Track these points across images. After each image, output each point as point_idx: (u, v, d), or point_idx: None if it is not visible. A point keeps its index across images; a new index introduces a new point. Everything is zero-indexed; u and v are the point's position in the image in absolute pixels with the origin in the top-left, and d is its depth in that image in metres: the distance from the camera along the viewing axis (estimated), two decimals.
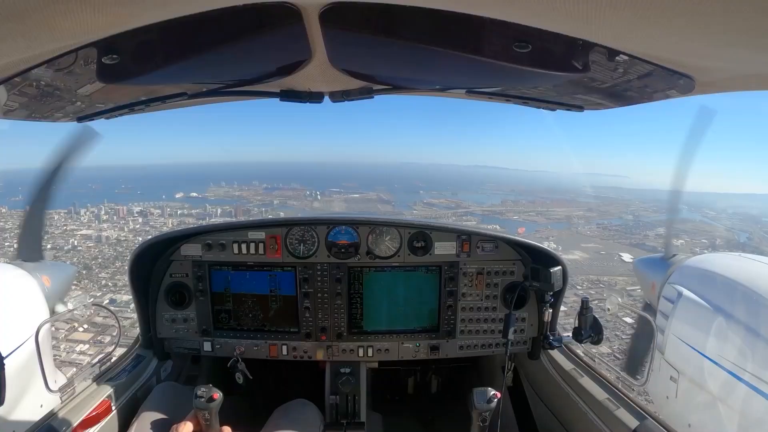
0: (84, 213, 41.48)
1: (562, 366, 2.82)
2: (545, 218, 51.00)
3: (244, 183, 77.40)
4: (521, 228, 42.13)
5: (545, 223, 48.46)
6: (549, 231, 44.01)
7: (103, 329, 17.41)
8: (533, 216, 52.78)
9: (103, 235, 35.76)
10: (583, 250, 35.00)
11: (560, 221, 49.17)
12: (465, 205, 61.04)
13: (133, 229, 39.03)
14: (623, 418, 2.21)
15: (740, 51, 0.94)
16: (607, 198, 61.68)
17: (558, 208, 54.73)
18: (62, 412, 2.16)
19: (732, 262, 3.76)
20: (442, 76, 1.76)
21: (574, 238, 40.48)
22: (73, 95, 1.41)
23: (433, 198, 68.13)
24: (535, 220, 50.52)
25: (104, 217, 41.58)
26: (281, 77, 1.63)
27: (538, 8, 0.82)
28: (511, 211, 55.75)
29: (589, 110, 1.77)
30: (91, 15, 0.80)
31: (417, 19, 1.07)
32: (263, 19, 1.06)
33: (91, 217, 40.90)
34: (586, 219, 48.00)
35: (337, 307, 2.98)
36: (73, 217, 40.36)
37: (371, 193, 73.72)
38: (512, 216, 52.99)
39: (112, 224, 40.36)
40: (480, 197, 71.24)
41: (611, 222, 46.40)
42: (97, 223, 39.98)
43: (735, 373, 3.11)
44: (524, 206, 59.38)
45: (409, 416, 3.80)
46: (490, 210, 57.04)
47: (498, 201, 64.13)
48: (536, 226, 46.57)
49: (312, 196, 67.02)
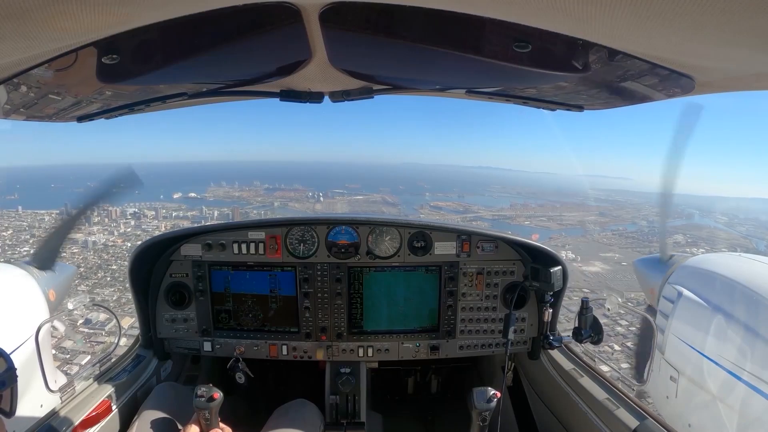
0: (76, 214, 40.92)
1: (562, 366, 2.82)
2: (558, 224, 50.13)
3: (244, 183, 76.75)
4: (535, 234, 41.37)
5: (558, 229, 47.46)
6: (564, 238, 42.81)
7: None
8: (545, 221, 51.98)
9: (90, 240, 34.05)
10: (603, 261, 33.68)
11: (574, 227, 48.30)
12: (473, 209, 60.43)
13: (123, 233, 37.61)
14: (623, 418, 2.21)
15: (740, 51, 0.94)
16: (616, 202, 60.93)
17: (569, 213, 53.99)
18: (62, 412, 2.16)
19: (732, 262, 3.76)
20: (442, 76, 1.76)
21: (591, 246, 39.29)
22: (73, 95, 1.41)
23: (440, 200, 67.50)
24: (548, 226, 49.54)
25: (95, 219, 39.84)
26: (281, 77, 1.63)
27: (538, 8, 0.82)
28: (521, 216, 54.97)
29: (589, 110, 1.77)
30: (91, 15, 0.80)
31: (417, 19, 1.07)
32: (263, 19, 1.06)
33: (83, 219, 40.11)
34: (600, 225, 47.07)
35: (337, 307, 2.98)
36: (64, 218, 39.64)
37: (375, 195, 72.94)
38: (523, 221, 52.20)
39: (103, 227, 38.91)
40: (487, 200, 70.72)
41: (626, 228, 45.53)
42: (88, 225, 37.94)
43: (735, 372, 3.11)
44: (534, 210, 58.71)
45: (409, 416, 3.80)
46: (500, 214, 56.34)
47: (507, 204, 63.48)
48: (550, 233, 45.34)
49: (314, 198, 66.13)
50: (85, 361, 15.13)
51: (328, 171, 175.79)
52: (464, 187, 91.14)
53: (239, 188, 70.91)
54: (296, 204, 62.73)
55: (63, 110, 1.56)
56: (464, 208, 61.62)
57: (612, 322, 13.00)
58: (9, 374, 1.33)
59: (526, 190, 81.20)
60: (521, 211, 57.75)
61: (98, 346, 17.16)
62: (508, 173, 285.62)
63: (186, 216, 45.35)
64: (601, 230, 45.30)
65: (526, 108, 1.89)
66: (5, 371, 1.32)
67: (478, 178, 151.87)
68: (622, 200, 62.85)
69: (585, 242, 41.62)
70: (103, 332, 18.57)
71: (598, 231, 45.09)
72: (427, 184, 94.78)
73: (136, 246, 2.83)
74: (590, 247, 38.78)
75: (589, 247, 39.24)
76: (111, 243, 34.67)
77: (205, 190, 67.11)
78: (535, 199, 68.22)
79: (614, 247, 38.70)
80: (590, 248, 38.43)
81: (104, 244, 34.41)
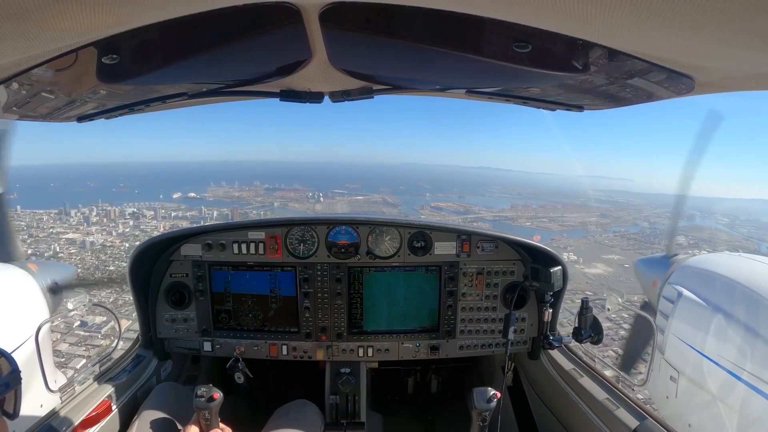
0: (74, 214, 39.58)
1: (562, 366, 2.82)
2: (559, 225, 49.98)
3: (244, 183, 76.40)
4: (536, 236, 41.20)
5: (560, 231, 47.40)
6: (566, 240, 42.72)
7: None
8: (546, 222, 51.81)
9: (88, 241, 33.67)
10: (605, 263, 33.58)
11: (575, 228, 48.14)
12: (474, 209, 60.24)
13: (122, 233, 37.24)
14: (623, 418, 2.21)
15: (740, 51, 0.94)
16: (617, 203, 60.70)
17: (570, 214, 53.78)
18: (62, 412, 2.15)
19: (732, 262, 3.76)
20: (442, 76, 1.76)
21: (593, 248, 39.04)
22: (73, 95, 1.41)
23: (440, 201, 67.20)
24: (549, 227, 49.37)
25: (94, 219, 39.72)
26: (281, 77, 1.63)
27: (538, 8, 0.82)
28: (522, 217, 54.80)
29: (589, 110, 1.77)
30: (91, 15, 0.80)
31: (417, 19, 1.07)
32: (263, 19, 1.06)
33: (81, 219, 39.08)
34: (601, 226, 46.76)
35: (337, 307, 2.98)
36: (62, 218, 38.54)
37: (376, 195, 72.63)
38: (524, 222, 52.04)
39: (101, 227, 38.60)
40: (487, 201, 70.50)
41: (627, 229, 45.28)
42: (86, 225, 38.12)
43: (735, 372, 3.11)
44: (535, 211, 58.49)
45: (409, 416, 3.80)
46: (501, 215, 56.14)
47: (507, 205, 63.27)
48: (551, 234, 45.23)
49: (314, 198, 65.94)
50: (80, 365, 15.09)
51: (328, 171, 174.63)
52: (464, 187, 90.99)
53: (239, 188, 70.73)
54: (296, 204, 62.52)
55: (63, 110, 1.56)
56: (465, 208, 61.43)
57: (615, 325, 12.96)
58: (13, 376, 1.32)
59: (527, 191, 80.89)
60: (522, 212, 57.53)
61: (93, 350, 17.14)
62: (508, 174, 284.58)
63: (185, 216, 45.14)
64: (602, 232, 44.98)
65: (526, 108, 1.89)
66: (10, 373, 1.32)
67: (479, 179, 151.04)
68: (623, 201, 62.65)
69: (587, 244, 41.34)
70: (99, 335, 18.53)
71: (599, 232, 44.79)
72: (428, 185, 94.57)
73: (136, 246, 2.83)
74: (592, 249, 38.55)
75: (590, 248, 39.01)
76: (109, 243, 34.27)
77: (204, 190, 66.93)
78: (536, 200, 67.99)
79: (616, 249, 38.47)
80: (592, 250, 38.23)
81: (102, 244, 33.92)
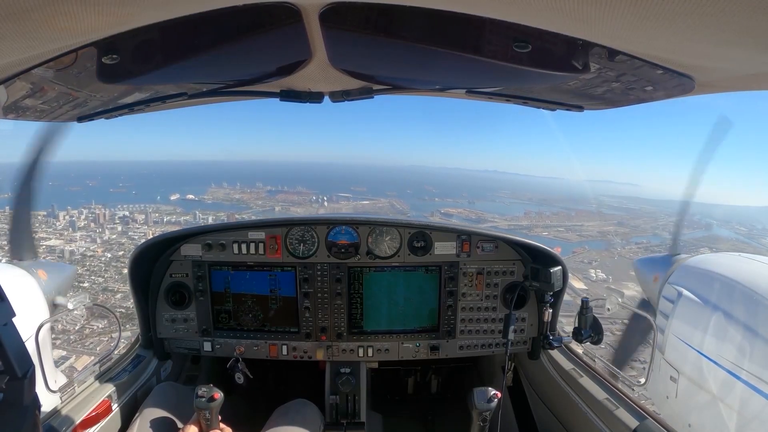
0: (63, 217, 36.57)
1: (562, 366, 2.82)
2: (577, 235, 47.26)
3: (246, 184, 74.08)
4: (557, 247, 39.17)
5: (579, 241, 44.20)
6: (588, 252, 39.06)
7: None
8: (563, 232, 49.09)
9: (67, 250, 30.64)
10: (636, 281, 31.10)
11: (595, 239, 45.31)
12: (487, 217, 57.90)
13: (107, 240, 34.32)
14: (623, 418, 2.21)
15: (740, 51, 0.94)
16: (630, 210, 58.79)
17: (586, 222, 51.22)
18: (62, 412, 2.16)
19: (732, 262, 3.76)
20: (442, 76, 1.76)
21: (620, 263, 34.92)
22: (73, 95, 1.41)
23: (450, 207, 65.21)
24: (567, 237, 46.51)
25: (81, 224, 36.63)
26: (281, 77, 1.63)
27: (538, 8, 0.82)
28: (538, 226, 52.18)
29: (589, 110, 1.77)
30: (92, 15, 0.80)
31: (417, 19, 1.07)
32: (263, 19, 1.06)
33: (67, 223, 35.96)
34: (621, 236, 44.00)
35: (337, 307, 2.98)
36: (48, 221, 35.58)
37: (382, 200, 70.15)
38: (541, 231, 49.20)
39: (87, 233, 35.47)
40: (498, 206, 68.57)
41: (650, 240, 42.25)
42: (71, 230, 35.10)
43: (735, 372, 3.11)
44: (549, 219, 56.31)
45: (409, 416, 3.80)
46: (516, 224, 53.29)
47: (520, 212, 61.07)
48: (571, 246, 41.84)
49: (318, 202, 62.93)
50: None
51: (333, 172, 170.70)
52: (472, 191, 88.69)
53: (240, 190, 68.77)
54: (298, 208, 59.79)
55: (63, 110, 1.56)
56: (477, 216, 58.87)
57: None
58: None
59: (537, 196, 78.15)
60: (537, 221, 55.38)
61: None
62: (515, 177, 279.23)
63: (178, 221, 42.69)
64: (624, 243, 42.03)
65: (527, 109, 1.89)
66: None
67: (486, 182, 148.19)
68: (636, 208, 60.47)
69: (610, 257, 38.19)
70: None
71: (621, 244, 41.80)
72: (435, 188, 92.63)
73: (136, 246, 2.83)
74: (619, 265, 34.52)
75: (617, 264, 35.30)
76: (90, 253, 30.99)
77: (205, 191, 65.14)
78: (547, 206, 65.77)
79: None
80: (619, 265, 34.18)
81: (82, 254, 30.65)
